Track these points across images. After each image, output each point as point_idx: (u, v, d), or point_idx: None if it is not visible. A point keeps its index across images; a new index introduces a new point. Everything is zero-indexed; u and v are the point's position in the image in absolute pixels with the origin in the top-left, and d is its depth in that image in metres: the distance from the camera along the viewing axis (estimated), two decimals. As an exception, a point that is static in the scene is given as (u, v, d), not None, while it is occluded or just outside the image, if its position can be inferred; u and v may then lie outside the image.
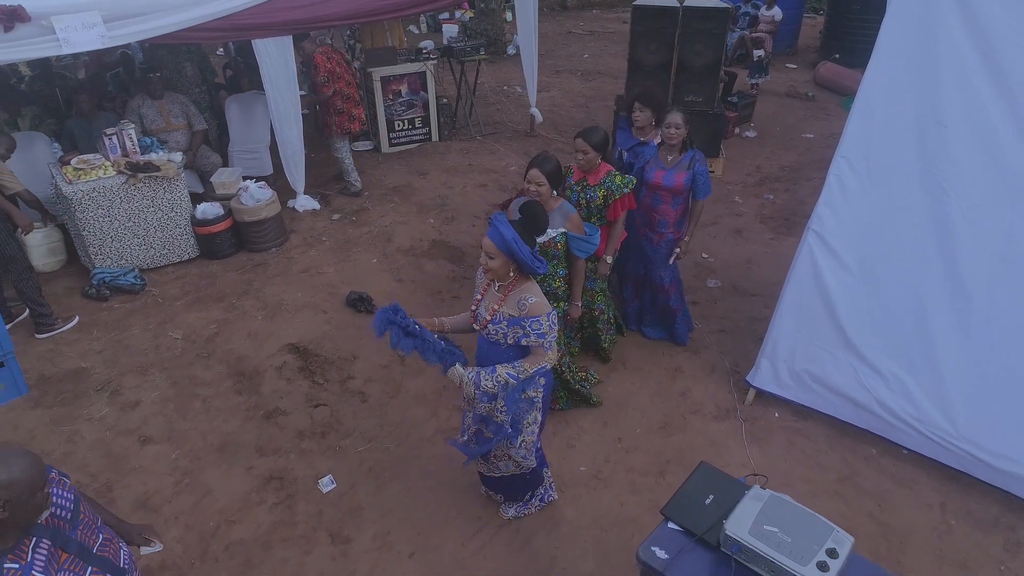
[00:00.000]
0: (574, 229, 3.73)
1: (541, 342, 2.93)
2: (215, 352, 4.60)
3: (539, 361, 2.99)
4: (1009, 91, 3.60)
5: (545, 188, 3.61)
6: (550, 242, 3.70)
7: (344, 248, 5.74)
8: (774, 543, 2.54)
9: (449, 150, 7.59)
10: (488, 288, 3.06)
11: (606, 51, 12.73)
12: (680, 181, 4.30)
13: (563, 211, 3.73)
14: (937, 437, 3.84)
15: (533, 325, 2.90)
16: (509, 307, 2.94)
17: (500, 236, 2.79)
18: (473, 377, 3.00)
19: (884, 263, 3.97)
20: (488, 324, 2.98)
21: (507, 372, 2.97)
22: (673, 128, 4.22)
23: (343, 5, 5.91)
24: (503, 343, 2.99)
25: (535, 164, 3.60)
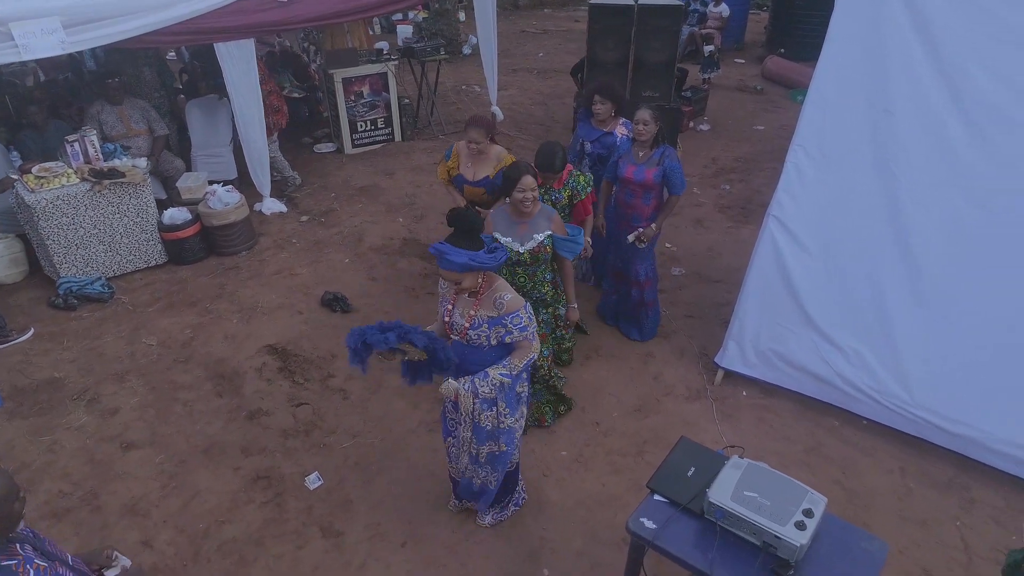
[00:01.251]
0: (557, 230, 3.72)
1: (525, 335, 2.96)
2: (193, 356, 4.59)
3: (527, 354, 3.01)
4: (951, 79, 3.84)
5: (537, 193, 3.61)
6: (539, 247, 3.68)
7: (315, 249, 5.77)
8: (755, 507, 2.70)
9: (413, 150, 7.65)
10: (458, 295, 3.01)
11: (561, 49, 12.91)
12: (650, 176, 4.41)
13: (545, 213, 3.72)
14: (895, 406, 4.08)
15: (514, 320, 2.92)
16: (485, 309, 2.93)
17: (453, 263, 2.76)
18: (469, 387, 2.98)
19: (841, 244, 4.19)
20: (468, 331, 2.96)
21: (500, 373, 2.97)
22: (641, 124, 4.32)
23: (306, 8, 5.93)
24: (486, 345, 2.98)
25: (524, 171, 3.58)
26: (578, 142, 4.97)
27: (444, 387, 2.99)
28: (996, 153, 3.78)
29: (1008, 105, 3.74)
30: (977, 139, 3.82)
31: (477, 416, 3.10)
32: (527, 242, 3.68)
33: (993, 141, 3.78)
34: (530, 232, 3.68)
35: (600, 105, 4.69)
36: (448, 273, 2.82)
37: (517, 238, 3.69)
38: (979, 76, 3.79)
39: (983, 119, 3.80)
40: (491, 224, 3.73)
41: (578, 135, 4.97)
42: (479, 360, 3.03)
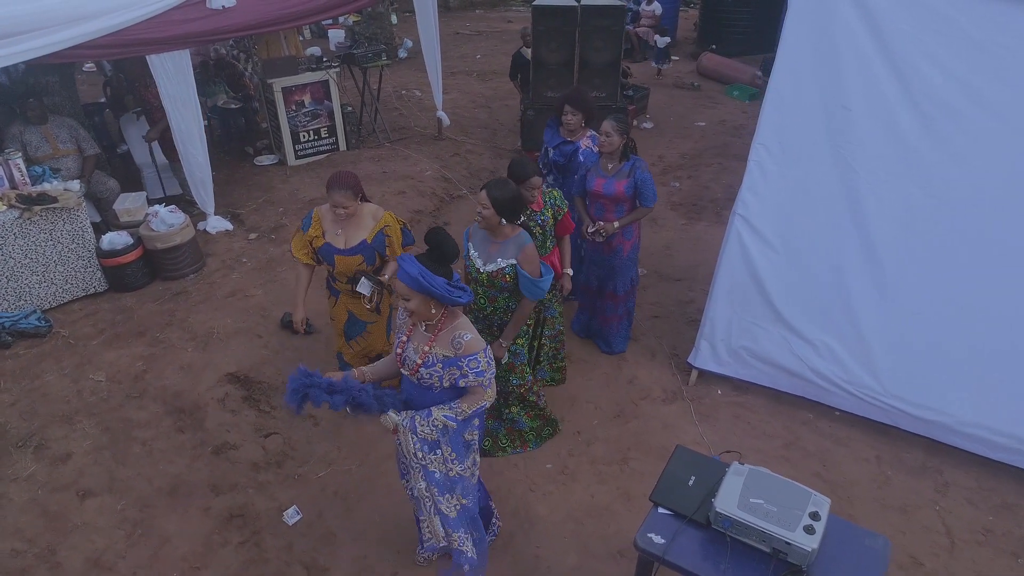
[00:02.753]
0: (527, 264, 3.46)
1: (480, 380, 2.72)
2: (147, 391, 4.30)
3: (478, 401, 2.77)
4: (902, 74, 3.95)
5: (489, 212, 3.36)
6: (498, 272, 3.49)
7: (268, 268, 5.51)
8: (762, 514, 2.69)
9: (360, 159, 7.44)
10: (414, 328, 2.80)
11: (497, 50, 12.82)
12: (620, 189, 4.30)
13: (517, 242, 3.48)
14: (866, 396, 4.17)
15: (471, 364, 2.68)
16: (442, 347, 2.71)
17: (407, 275, 2.57)
18: (408, 423, 2.76)
19: (805, 239, 4.27)
20: (420, 368, 2.72)
21: (444, 415, 2.74)
22: (603, 135, 4.23)
23: (242, 16, 5.65)
24: (437, 386, 2.75)
25: (484, 187, 3.41)
26: (543, 149, 4.91)
27: (384, 418, 2.76)
28: (947, 145, 3.92)
29: (956, 99, 3.87)
30: (929, 132, 3.95)
31: (420, 459, 2.83)
32: (489, 263, 3.52)
33: (944, 134, 3.91)
34: (496, 254, 3.50)
35: (572, 116, 4.60)
36: (400, 286, 2.62)
37: (484, 255, 3.56)
38: (928, 72, 3.91)
39: (934, 113, 3.93)
40: (472, 234, 3.66)
41: (545, 141, 4.88)
42: (428, 401, 2.80)
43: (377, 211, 3.78)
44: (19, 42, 4.63)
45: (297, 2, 5.93)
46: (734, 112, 9.96)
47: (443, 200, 6.87)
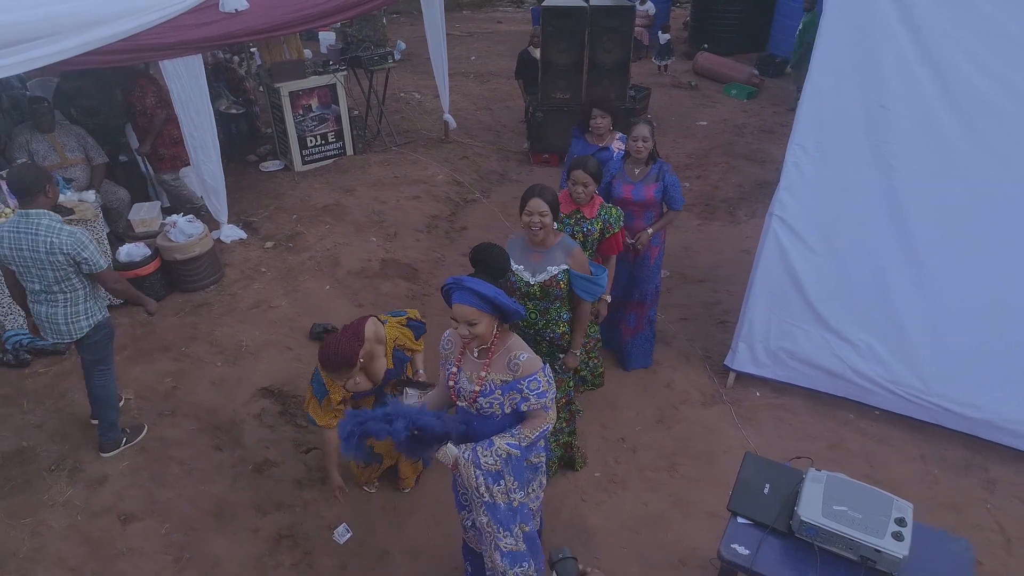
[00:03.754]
0: (577, 267, 3.35)
1: (543, 402, 2.57)
2: (179, 408, 4.16)
3: (540, 424, 2.61)
4: (941, 74, 3.95)
5: (549, 219, 3.22)
6: (551, 281, 3.32)
7: (289, 277, 5.38)
8: (848, 521, 2.66)
9: (368, 163, 7.31)
10: (463, 355, 2.63)
11: (491, 51, 12.76)
12: (650, 194, 4.25)
13: (564, 247, 3.36)
14: (910, 395, 4.18)
15: (531, 385, 2.53)
16: (498, 372, 2.55)
17: (477, 296, 2.41)
18: (470, 456, 2.57)
19: (844, 240, 4.25)
20: (477, 397, 2.56)
21: (507, 443, 2.58)
22: (640, 141, 4.15)
23: (254, 20, 5.51)
24: (498, 414, 2.59)
25: (535, 194, 3.22)
26: (571, 159, 4.80)
27: (442, 454, 2.55)
28: (988, 144, 3.91)
29: (996, 97, 3.87)
30: (970, 131, 3.94)
31: (484, 492, 2.68)
32: (539, 273, 3.34)
33: (985, 133, 3.91)
34: (544, 263, 3.34)
35: (601, 119, 4.52)
36: (465, 310, 2.41)
37: (529, 267, 3.36)
38: (967, 70, 3.90)
39: (974, 112, 3.92)
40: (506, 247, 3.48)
41: (572, 153, 4.74)
42: (491, 429, 2.64)
43: (378, 331, 3.37)
44: (28, 49, 4.46)
45: (311, 4, 5.81)
46: (734, 111, 9.99)
47: (458, 204, 6.79)
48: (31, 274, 3.50)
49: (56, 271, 3.44)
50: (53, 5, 4.58)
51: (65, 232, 3.41)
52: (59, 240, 3.38)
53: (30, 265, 3.46)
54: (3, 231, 3.45)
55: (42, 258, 3.41)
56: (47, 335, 3.63)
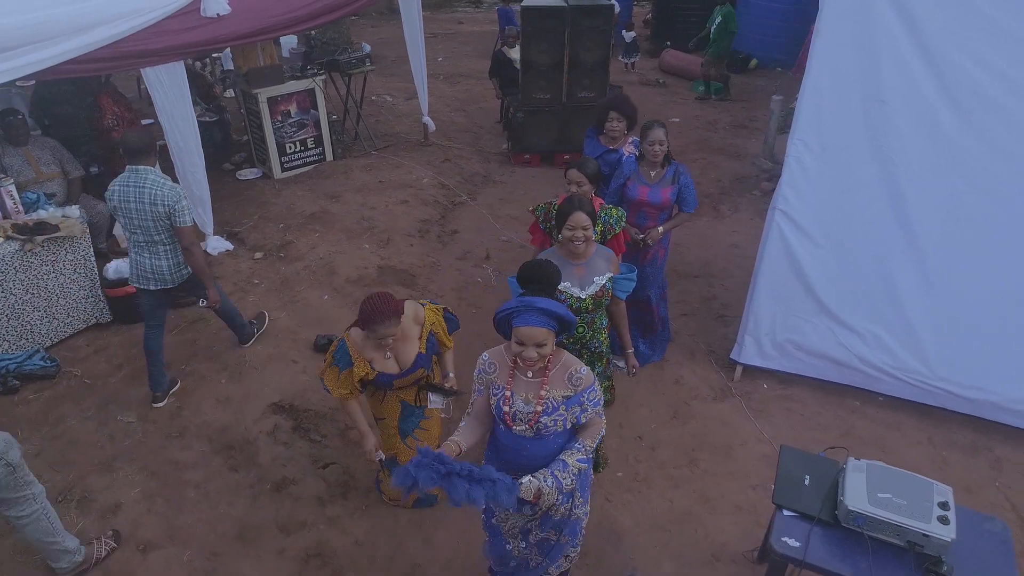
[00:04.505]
0: (615, 270, 3.40)
1: (599, 410, 2.60)
2: (187, 429, 4.02)
3: (598, 432, 2.62)
4: (939, 69, 4.05)
5: (591, 232, 3.23)
6: (602, 292, 3.32)
7: (284, 288, 5.25)
8: (894, 508, 2.71)
9: (350, 168, 7.18)
10: (514, 377, 2.55)
11: (458, 52, 12.68)
12: (667, 196, 4.26)
13: (603, 254, 3.36)
14: (915, 381, 4.29)
15: (591, 396, 2.54)
16: (558, 388, 2.52)
17: (551, 316, 2.38)
18: (553, 483, 2.44)
19: (847, 232, 4.33)
20: (540, 417, 2.49)
21: (577, 459, 2.52)
22: (657, 145, 4.15)
23: (238, 24, 5.36)
24: (560, 431, 2.55)
25: (575, 207, 3.20)
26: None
27: (524, 490, 2.37)
28: (990, 139, 4.03)
29: (994, 91, 3.99)
30: (970, 126, 4.05)
31: (564, 513, 2.67)
32: (588, 286, 3.31)
33: (986, 127, 4.02)
34: (590, 275, 3.32)
35: (617, 123, 4.50)
36: (536, 332, 2.36)
37: (576, 282, 3.30)
38: (964, 64, 4.02)
39: (973, 106, 4.03)
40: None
41: (585, 153, 4.71)
42: (544, 453, 2.55)
43: (417, 311, 3.23)
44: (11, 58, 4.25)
45: (294, 7, 5.68)
46: (705, 107, 10.13)
47: (446, 208, 6.71)
48: (134, 224, 3.94)
49: (157, 221, 3.90)
50: (28, 13, 4.38)
51: (168, 186, 3.91)
52: (162, 193, 3.86)
53: (134, 216, 3.91)
54: (114, 185, 3.95)
55: (146, 209, 3.87)
56: (149, 284, 4.06)
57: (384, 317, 2.92)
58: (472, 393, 2.69)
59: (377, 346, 3.07)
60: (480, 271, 5.78)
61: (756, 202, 7.17)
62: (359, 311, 2.98)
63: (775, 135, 7.99)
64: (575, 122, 7.66)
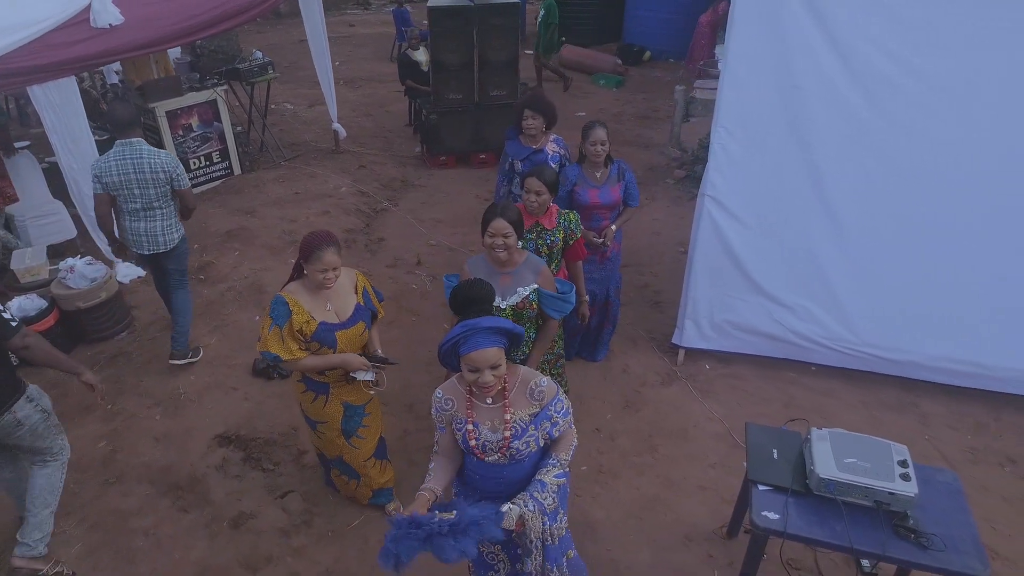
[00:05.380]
0: (546, 285, 3.24)
1: (569, 420, 2.48)
2: (125, 473, 3.71)
3: (572, 442, 2.52)
4: (845, 56, 4.28)
5: (513, 240, 3.09)
6: (524, 303, 3.19)
7: (210, 313, 4.95)
8: (861, 471, 2.86)
9: (262, 181, 6.87)
10: (472, 407, 2.42)
11: (354, 56, 12.40)
12: (617, 195, 4.27)
13: (532, 265, 3.24)
14: (845, 348, 4.55)
15: (557, 407, 2.44)
16: (522, 407, 2.40)
17: (500, 333, 2.27)
18: (535, 506, 2.33)
19: (774, 212, 4.53)
20: (511, 442, 2.37)
21: (554, 475, 2.41)
22: (599, 145, 4.14)
23: (132, 34, 5.02)
24: (533, 451, 2.43)
25: (497, 214, 3.08)
26: (507, 161, 4.70)
27: (507, 519, 2.25)
28: (889, 115, 4.30)
29: (892, 73, 4.26)
30: (874, 105, 4.31)
31: (548, 537, 2.46)
32: (509, 296, 3.19)
33: (888, 106, 4.29)
34: (513, 285, 3.20)
35: (532, 120, 4.44)
36: (489, 354, 2.23)
37: (499, 291, 3.14)
38: (867, 50, 4.26)
39: (876, 87, 4.29)
40: (469, 274, 3.21)
41: (507, 154, 4.67)
42: (519, 476, 2.44)
43: (348, 271, 3.24)
44: None
45: (192, 14, 5.37)
46: (607, 100, 10.37)
47: (369, 216, 6.54)
48: (133, 195, 4.15)
49: (157, 188, 4.15)
50: None
51: (163, 154, 4.20)
52: (160, 160, 4.14)
53: (133, 186, 4.12)
54: (109, 162, 4.10)
55: (147, 177, 4.11)
56: (143, 248, 4.26)
57: (325, 243, 2.93)
58: (436, 432, 2.54)
59: (314, 293, 3.03)
60: (414, 277, 5.67)
61: (670, 190, 7.41)
62: (300, 249, 2.98)
63: (680, 124, 8.30)
64: (489, 122, 7.66)
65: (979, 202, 4.23)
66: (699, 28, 10.61)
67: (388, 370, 3.27)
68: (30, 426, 3.02)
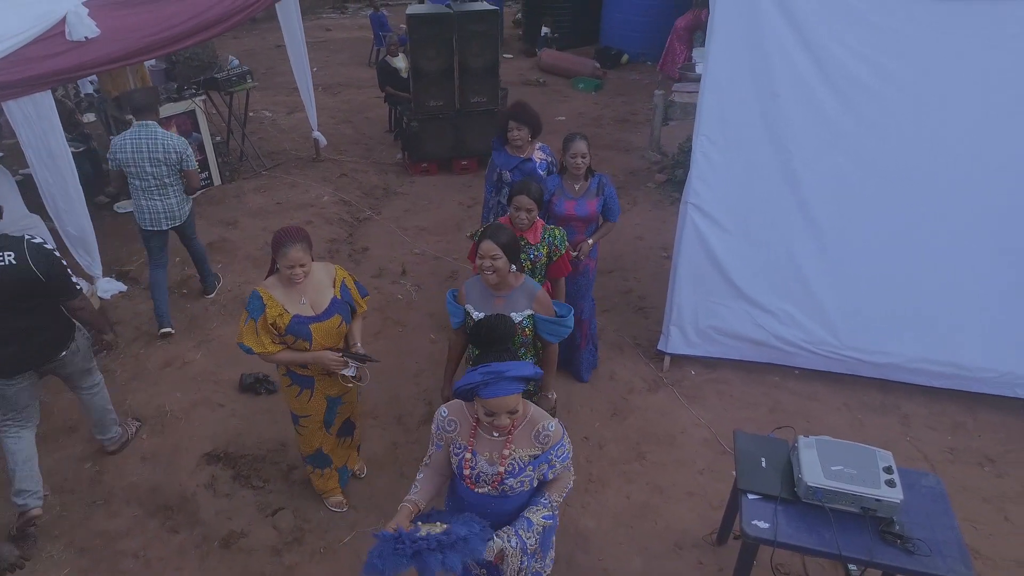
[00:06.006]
0: (542, 310, 3.18)
1: (567, 464, 2.47)
2: (113, 494, 3.67)
3: (566, 486, 2.51)
4: (819, 61, 4.36)
5: (502, 262, 3.01)
6: (516, 328, 3.06)
7: (194, 328, 4.90)
8: (847, 479, 2.92)
9: (242, 191, 6.81)
10: (476, 435, 2.40)
11: (332, 61, 12.33)
12: (593, 208, 4.24)
13: (527, 290, 3.17)
14: (827, 352, 4.63)
15: (558, 452, 2.41)
16: (524, 447, 2.37)
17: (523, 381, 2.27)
18: (517, 544, 2.34)
19: (755, 218, 4.60)
20: (504, 479, 2.35)
21: (543, 517, 2.41)
22: (579, 157, 4.13)
23: (108, 46, 4.95)
24: (526, 491, 2.42)
25: (487, 236, 3.01)
26: (495, 172, 4.70)
27: (488, 551, 2.28)
28: (864, 118, 4.38)
29: (865, 76, 4.34)
30: (848, 108, 4.39)
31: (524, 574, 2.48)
32: None
33: (860, 108, 4.37)
34: (506, 309, 3.12)
35: (517, 131, 4.45)
36: (510, 400, 2.23)
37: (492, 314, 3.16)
38: (840, 54, 4.34)
39: (849, 90, 4.36)
40: (464, 295, 3.20)
41: (495, 164, 4.68)
42: (508, 510, 2.44)
43: (327, 266, 3.32)
44: None
45: (169, 25, 5.31)
46: (586, 104, 10.41)
47: (352, 225, 6.52)
48: (144, 172, 4.71)
49: (169, 167, 4.72)
50: None
51: (173, 136, 4.79)
52: (172, 142, 4.72)
53: (145, 163, 4.68)
54: (124, 140, 4.68)
55: (160, 156, 4.67)
56: (162, 224, 4.88)
57: (293, 239, 3.03)
58: (430, 446, 2.50)
59: (287, 287, 3.11)
60: (399, 288, 5.66)
61: (652, 194, 7.47)
62: (271, 244, 3.10)
63: (660, 127, 8.36)
64: (470, 128, 7.68)
65: (955, 205, 4.32)
66: (675, 31, 10.70)
67: (374, 374, 3.35)
68: (83, 351, 3.67)
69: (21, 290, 3.25)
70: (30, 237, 3.37)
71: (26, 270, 3.23)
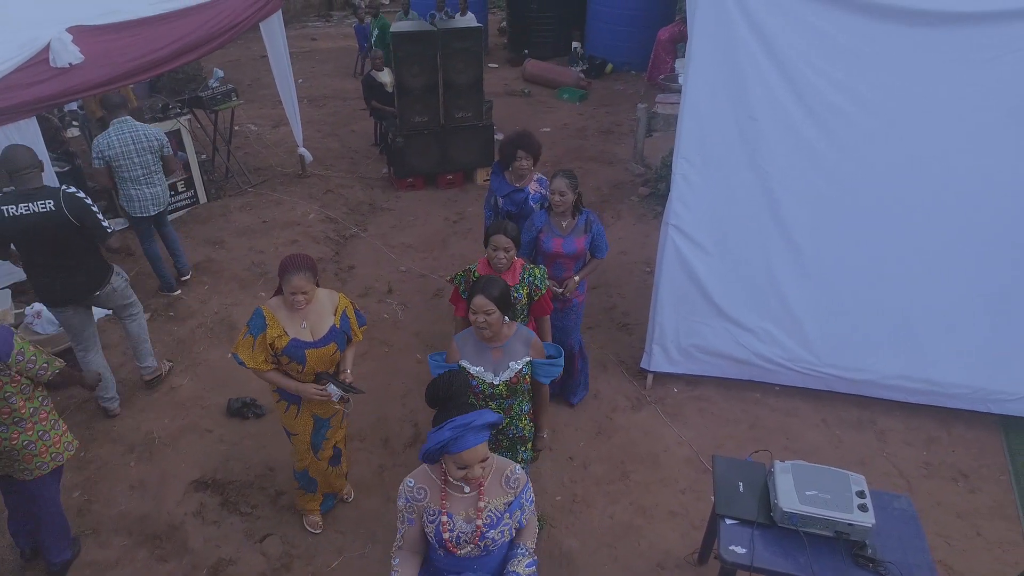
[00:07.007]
0: (537, 355, 3.17)
1: (532, 507, 2.52)
2: (101, 524, 3.70)
3: (534, 530, 2.58)
4: (795, 85, 4.44)
5: (496, 316, 2.96)
6: (517, 377, 3.08)
7: (182, 351, 4.93)
8: (821, 503, 3.00)
9: (228, 210, 6.83)
10: (447, 496, 2.37)
11: (318, 72, 12.34)
12: (581, 246, 4.22)
13: (523, 337, 3.14)
14: (805, 369, 4.73)
15: (527, 495, 2.45)
16: (496, 496, 2.39)
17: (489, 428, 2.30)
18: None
19: (735, 239, 4.69)
20: (485, 532, 2.34)
21: (526, 564, 2.44)
22: (557, 195, 4.08)
23: (92, 72, 4.97)
24: (506, 541, 2.43)
25: (479, 290, 2.95)
26: (492, 196, 4.72)
27: None
28: (839, 140, 4.47)
29: (839, 101, 4.44)
30: (823, 131, 4.48)
31: None
32: (503, 372, 3.08)
33: (835, 131, 4.46)
34: (505, 360, 3.09)
35: (525, 161, 4.45)
36: (480, 451, 2.25)
37: (490, 367, 3.08)
38: (815, 80, 4.43)
39: (824, 114, 4.45)
40: (457, 351, 3.13)
41: (492, 189, 4.70)
42: (490, 568, 2.46)
43: (331, 294, 3.41)
44: None
45: (153, 48, 5.33)
46: (572, 115, 10.49)
47: (338, 243, 6.56)
48: (133, 163, 5.19)
49: (153, 155, 5.24)
50: None
51: (150, 127, 5.33)
52: (152, 132, 5.25)
53: (133, 154, 5.17)
54: (110, 137, 5.13)
55: (144, 145, 5.17)
56: (150, 210, 5.38)
57: (298, 267, 3.10)
58: (399, 524, 2.44)
59: (290, 311, 3.20)
60: (385, 307, 5.71)
61: (636, 207, 7.55)
62: (278, 268, 3.18)
63: (643, 140, 8.46)
64: (455, 143, 7.75)
65: (929, 225, 4.42)
66: (658, 43, 10.80)
67: (360, 396, 3.49)
68: (121, 291, 4.33)
69: (59, 233, 3.86)
70: (65, 187, 3.96)
71: (62, 215, 3.84)
